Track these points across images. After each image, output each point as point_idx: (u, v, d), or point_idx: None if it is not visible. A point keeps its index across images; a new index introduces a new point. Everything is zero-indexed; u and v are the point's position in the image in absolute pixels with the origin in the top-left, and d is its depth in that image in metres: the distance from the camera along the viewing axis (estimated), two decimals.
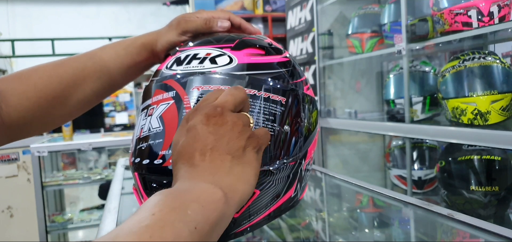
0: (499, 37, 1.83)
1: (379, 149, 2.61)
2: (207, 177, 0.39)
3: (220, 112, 0.42)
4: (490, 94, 1.49)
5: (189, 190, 0.38)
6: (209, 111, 0.42)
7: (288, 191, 0.54)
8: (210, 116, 0.42)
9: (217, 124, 0.42)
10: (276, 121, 0.51)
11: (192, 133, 0.42)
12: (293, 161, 0.53)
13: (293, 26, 2.98)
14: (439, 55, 2.35)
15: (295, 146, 0.53)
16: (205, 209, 0.35)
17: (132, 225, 0.31)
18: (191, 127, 0.42)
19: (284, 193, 0.54)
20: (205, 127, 0.41)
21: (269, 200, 0.51)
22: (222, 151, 0.41)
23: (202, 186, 0.38)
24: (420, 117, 1.91)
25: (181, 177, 0.41)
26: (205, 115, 0.42)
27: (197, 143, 0.41)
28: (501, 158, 1.55)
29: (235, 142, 0.41)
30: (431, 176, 1.99)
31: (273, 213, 0.53)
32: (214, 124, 0.41)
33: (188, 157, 0.41)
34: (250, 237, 1.04)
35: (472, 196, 1.56)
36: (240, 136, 0.42)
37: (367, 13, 2.30)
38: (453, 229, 0.84)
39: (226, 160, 0.41)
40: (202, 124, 0.42)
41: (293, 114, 0.53)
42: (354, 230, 1.05)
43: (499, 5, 1.48)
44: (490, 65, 1.54)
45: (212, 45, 0.55)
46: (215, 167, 0.40)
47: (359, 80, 2.65)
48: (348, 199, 1.26)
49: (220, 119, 0.42)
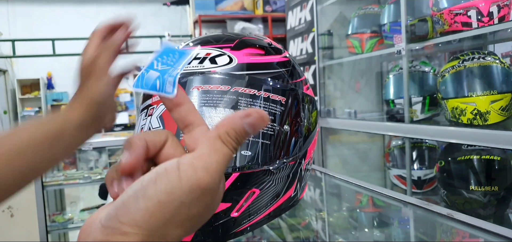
0: (498, 37, 1.84)
1: (378, 149, 2.62)
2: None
3: None
4: (490, 94, 1.49)
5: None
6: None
7: (288, 191, 0.54)
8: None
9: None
10: (276, 121, 0.51)
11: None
12: (293, 160, 0.53)
13: (293, 26, 2.98)
14: (439, 55, 2.35)
15: (295, 146, 0.54)
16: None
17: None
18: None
19: (284, 192, 0.54)
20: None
21: (269, 199, 0.52)
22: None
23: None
24: (420, 117, 1.91)
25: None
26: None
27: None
28: (500, 158, 1.55)
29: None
30: (430, 176, 1.99)
31: (273, 212, 0.53)
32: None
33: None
34: (250, 237, 1.04)
35: (472, 196, 1.56)
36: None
37: (366, 13, 2.31)
38: (452, 229, 0.84)
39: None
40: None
41: (293, 114, 0.54)
42: (354, 229, 1.06)
43: (498, 5, 1.48)
44: (489, 65, 1.54)
45: (212, 45, 0.56)
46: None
47: (359, 80, 2.65)
48: (348, 199, 1.26)
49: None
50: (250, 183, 0.49)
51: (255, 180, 0.49)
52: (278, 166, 0.51)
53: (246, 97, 0.50)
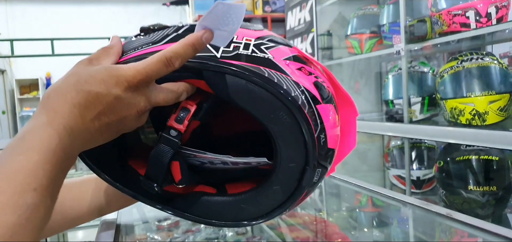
0: (496, 38, 1.84)
1: (378, 149, 2.62)
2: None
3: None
4: (488, 95, 1.50)
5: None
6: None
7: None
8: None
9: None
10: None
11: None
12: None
13: (292, 26, 2.99)
14: (438, 56, 2.36)
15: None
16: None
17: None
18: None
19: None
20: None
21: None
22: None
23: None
24: (419, 117, 1.92)
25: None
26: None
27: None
28: (499, 158, 1.56)
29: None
30: (429, 176, 2.00)
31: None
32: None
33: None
34: (250, 237, 1.05)
35: (470, 196, 1.57)
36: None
37: (366, 13, 2.31)
38: (451, 229, 0.85)
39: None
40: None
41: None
42: (353, 229, 1.06)
43: (497, 6, 1.49)
44: (488, 65, 1.54)
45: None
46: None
47: (358, 80, 2.66)
48: (347, 199, 1.27)
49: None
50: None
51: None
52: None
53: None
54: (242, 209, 0.49)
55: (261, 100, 0.42)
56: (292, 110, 0.43)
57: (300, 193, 0.47)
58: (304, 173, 0.46)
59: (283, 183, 0.47)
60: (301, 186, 0.47)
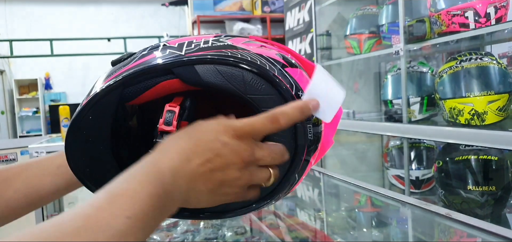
0: (495, 38, 1.85)
1: (377, 149, 2.62)
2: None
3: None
4: (487, 95, 1.50)
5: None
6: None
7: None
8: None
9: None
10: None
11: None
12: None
13: (291, 27, 2.99)
14: (437, 56, 2.36)
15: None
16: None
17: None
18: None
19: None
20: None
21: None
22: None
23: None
24: (418, 117, 1.92)
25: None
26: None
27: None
28: (497, 158, 1.56)
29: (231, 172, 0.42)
30: (428, 176, 2.00)
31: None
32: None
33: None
34: (249, 237, 1.05)
35: (469, 196, 1.57)
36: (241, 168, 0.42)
37: (365, 14, 2.31)
38: (450, 228, 0.85)
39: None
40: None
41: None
42: (352, 229, 1.06)
43: (495, 6, 1.49)
44: (487, 65, 1.55)
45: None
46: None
47: (357, 80, 2.66)
48: (346, 199, 1.27)
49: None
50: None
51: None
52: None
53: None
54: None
55: (232, 77, 0.45)
56: (263, 76, 0.45)
57: (301, 153, 0.48)
58: (296, 132, 0.47)
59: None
60: (299, 145, 0.48)
